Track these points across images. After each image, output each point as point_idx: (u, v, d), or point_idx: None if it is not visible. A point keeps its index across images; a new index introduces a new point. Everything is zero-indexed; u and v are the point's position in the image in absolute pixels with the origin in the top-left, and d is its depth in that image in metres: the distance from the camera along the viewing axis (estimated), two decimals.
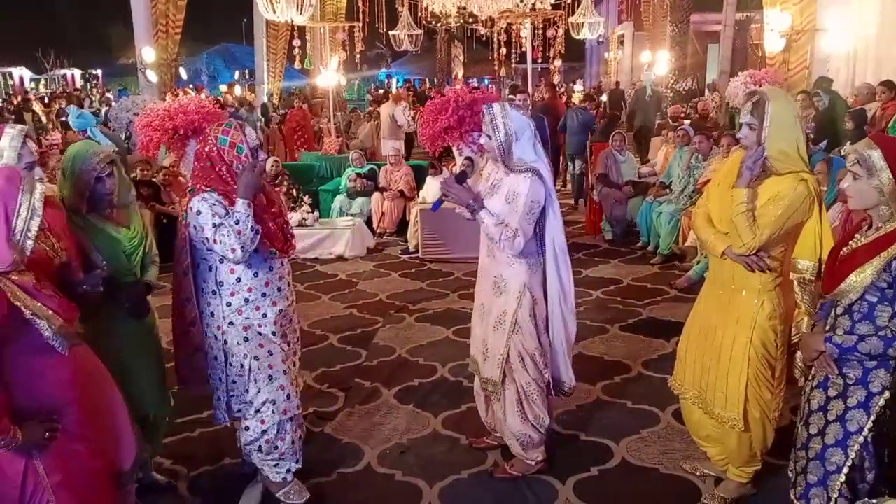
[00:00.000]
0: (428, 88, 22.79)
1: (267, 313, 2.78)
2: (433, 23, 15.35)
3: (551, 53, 15.17)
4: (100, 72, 31.14)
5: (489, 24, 14.74)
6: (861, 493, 2.21)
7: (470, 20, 14.74)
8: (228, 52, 29.70)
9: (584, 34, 14.61)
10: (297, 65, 12.84)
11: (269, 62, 11.04)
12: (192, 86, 16.37)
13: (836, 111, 6.92)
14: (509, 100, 6.33)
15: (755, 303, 2.60)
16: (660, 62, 14.54)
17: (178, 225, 2.76)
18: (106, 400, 2.39)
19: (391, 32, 15.20)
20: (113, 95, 20.40)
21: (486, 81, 23.83)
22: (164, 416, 3.09)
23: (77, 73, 30.67)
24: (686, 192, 6.48)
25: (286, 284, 2.89)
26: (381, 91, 21.51)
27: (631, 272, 6.26)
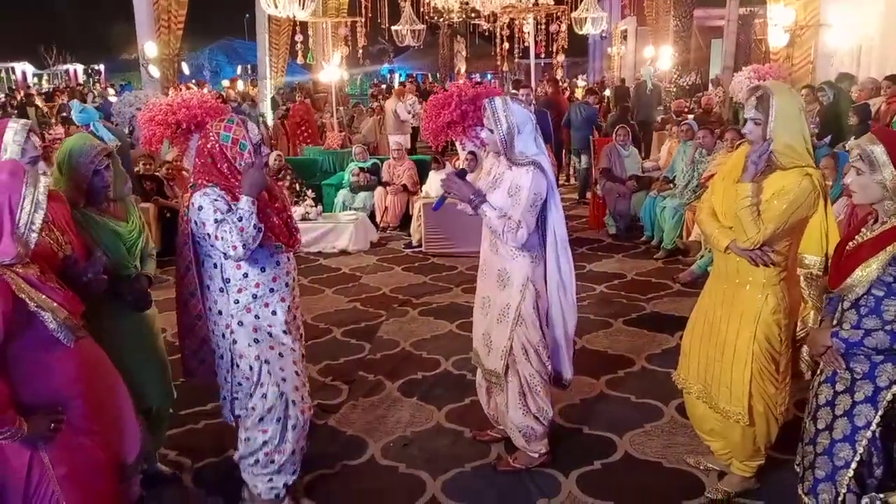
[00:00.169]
0: (430, 83, 22.73)
1: (276, 310, 2.71)
2: (436, 18, 15.29)
3: (554, 48, 15.13)
4: (102, 67, 31.14)
5: (492, 19, 14.70)
6: (869, 487, 2.21)
7: (472, 15, 14.68)
8: (231, 48, 29.70)
9: (587, 29, 14.58)
10: (299, 60, 12.82)
11: (271, 57, 11.03)
12: (193, 81, 16.37)
13: (840, 106, 6.89)
14: (512, 94, 6.33)
15: (759, 297, 2.60)
16: (663, 57, 14.48)
17: (179, 221, 2.70)
18: (111, 392, 2.40)
19: (394, 27, 15.19)
20: (114, 91, 20.38)
21: (488, 76, 23.76)
22: (167, 409, 3.10)
23: (79, 68, 30.69)
24: (690, 186, 6.47)
25: (292, 280, 2.83)
26: (383, 86, 21.48)
27: (634, 267, 6.25)
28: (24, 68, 28.26)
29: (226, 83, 18.89)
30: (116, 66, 30.57)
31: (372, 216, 7.89)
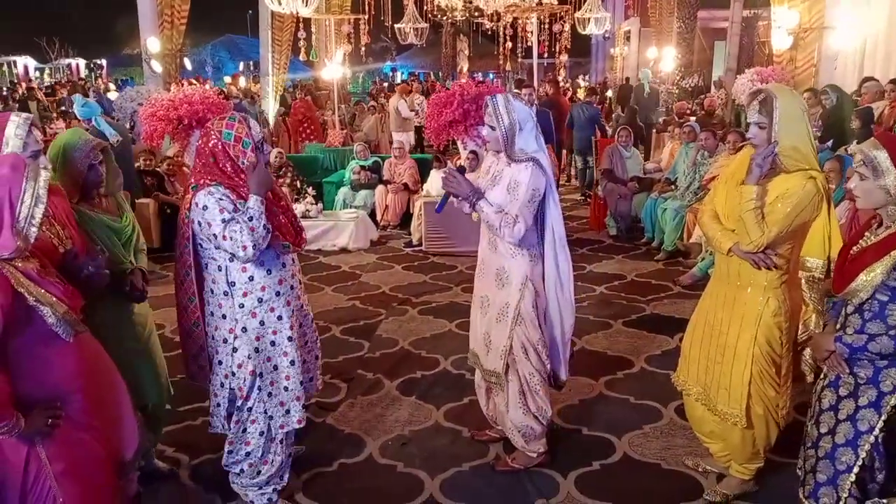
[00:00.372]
0: (432, 82, 22.71)
1: (282, 315, 2.66)
2: (439, 16, 15.27)
3: (557, 48, 15.11)
4: (104, 62, 31.12)
5: (495, 19, 14.67)
6: (871, 492, 2.20)
7: (476, 14, 14.66)
8: (233, 44, 29.66)
9: (591, 29, 14.54)
10: (302, 57, 12.79)
11: (273, 54, 10.99)
12: (192, 78, 16.33)
13: (843, 109, 6.87)
14: (515, 94, 6.32)
15: (761, 300, 2.59)
16: (666, 58, 14.47)
17: (180, 222, 2.64)
18: (110, 388, 2.39)
19: (396, 25, 15.14)
20: (115, 86, 20.35)
21: (490, 76, 23.75)
22: (164, 406, 3.09)
23: (81, 62, 30.66)
24: (691, 188, 6.47)
25: (298, 282, 2.78)
26: (385, 84, 21.46)
27: (635, 268, 6.24)
28: (25, 62, 28.25)
29: (227, 80, 18.85)
30: (119, 61, 30.53)
31: (372, 214, 7.88)
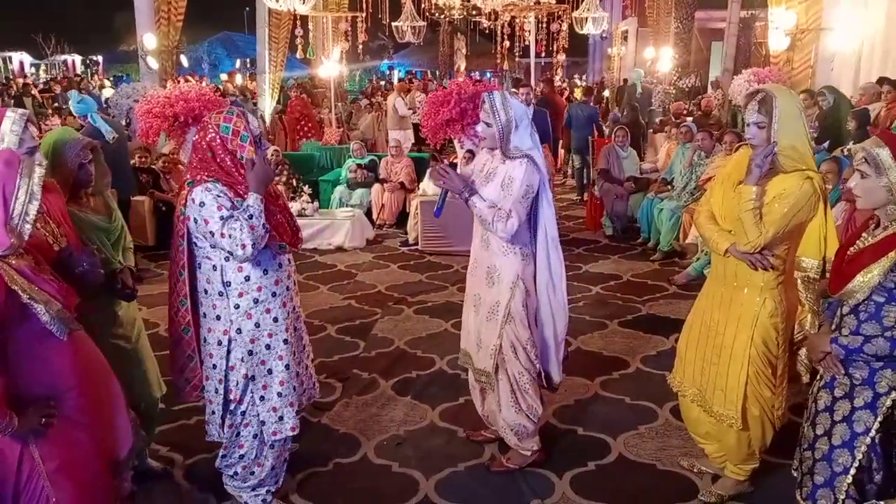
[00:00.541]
0: (428, 80, 22.67)
1: (278, 317, 2.61)
2: (436, 14, 15.26)
3: (555, 48, 15.11)
4: (100, 58, 30.99)
5: (492, 17, 14.67)
6: (869, 494, 2.20)
7: (473, 12, 14.66)
8: (230, 41, 29.53)
9: (588, 29, 14.53)
10: (299, 54, 12.75)
11: (270, 51, 10.94)
12: (188, 75, 16.24)
13: (840, 111, 6.88)
14: (512, 93, 6.31)
15: (757, 300, 2.59)
16: (663, 59, 14.48)
17: (175, 220, 2.59)
18: (104, 387, 2.38)
19: (394, 23, 15.12)
20: (110, 83, 20.24)
21: (488, 75, 23.73)
22: (157, 405, 3.08)
23: (77, 58, 30.53)
24: (688, 189, 6.47)
25: (293, 283, 2.74)
26: (382, 82, 21.41)
27: (631, 268, 6.25)
28: (21, 58, 28.12)
29: (224, 77, 18.79)
30: (115, 58, 30.38)
31: (369, 213, 7.87)
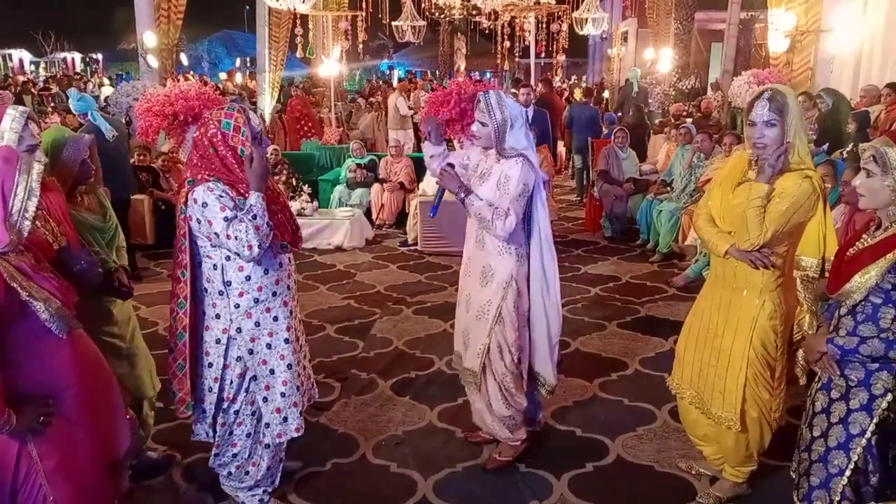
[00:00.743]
0: (427, 79, 22.67)
1: (278, 316, 2.58)
2: (436, 14, 15.27)
3: (554, 48, 15.12)
4: (100, 56, 30.97)
5: (493, 17, 14.67)
6: (866, 496, 2.19)
7: (474, 12, 14.66)
8: (230, 39, 29.52)
9: (588, 30, 14.55)
10: (298, 53, 12.74)
11: (270, 50, 10.93)
12: (186, 73, 16.23)
13: (839, 113, 6.88)
14: (512, 94, 6.31)
15: (756, 302, 2.59)
16: (663, 60, 14.48)
17: (177, 220, 2.56)
18: (103, 386, 2.37)
19: (394, 23, 15.11)
20: (109, 82, 20.22)
21: (488, 75, 23.73)
22: (152, 403, 3.08)
23: (77, 56, 30.50)
24: (687, 190, 6.47)
25: (293, 283, 2.72)
26: (381, 82, 21.39)
27: (630, 269, 6.25)
28: (21, 56, 28.10)
29: (223, 76, 18.77)
30: (115, 56, 30.36)
31: (368, 213, 7.86)
